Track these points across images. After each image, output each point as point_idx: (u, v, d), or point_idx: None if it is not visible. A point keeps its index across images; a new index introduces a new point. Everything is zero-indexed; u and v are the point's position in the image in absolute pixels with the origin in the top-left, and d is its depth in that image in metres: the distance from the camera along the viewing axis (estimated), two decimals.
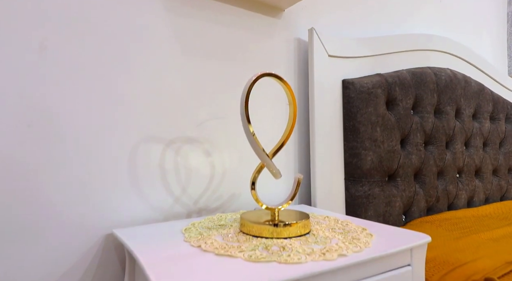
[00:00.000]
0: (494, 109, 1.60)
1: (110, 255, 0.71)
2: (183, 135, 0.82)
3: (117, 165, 0.72)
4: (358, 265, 0.52)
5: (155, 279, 0.41)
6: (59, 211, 0.66)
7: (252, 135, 0.59)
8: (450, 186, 1.34)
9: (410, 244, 0.58)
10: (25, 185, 0.63)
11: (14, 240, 0.62)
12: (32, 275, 0.63)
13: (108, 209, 0.71)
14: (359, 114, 1.06)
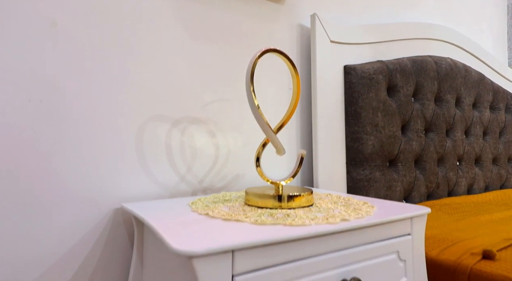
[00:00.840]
0: (494, 99, 1.61)
1: (119, 229, 0.73)
2: (189, 116, 0.84)
3: (124, 142, 0.75)
4: (360, 230, 0.54)
5: (170, 240, 0.43)
6: (68, 184, 0.68)
7: (257, 108, 0.61)
8: (450, 173, 1.36)
9: (410, 214, 0.60)
10: (35, 159, 0.65)
11: (25, 211, 0.64)
12: (44, 245, 0.65)
13: (116, 185, 0.73)
14: (361, 99, 1.08)
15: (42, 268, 0.65)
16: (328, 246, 0.50)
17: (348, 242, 0.53)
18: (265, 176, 0.68)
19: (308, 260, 0.48)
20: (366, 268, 0.54)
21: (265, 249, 0.44)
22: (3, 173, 0.62)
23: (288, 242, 0.46)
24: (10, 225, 0.62)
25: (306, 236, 0.46)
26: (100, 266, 0.71)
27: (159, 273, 0.59)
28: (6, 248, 0.62)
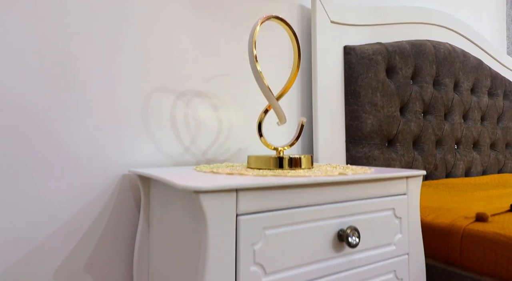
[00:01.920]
0: (492, 85, 1.63)
1: (126, 194, 0.76)
2: (192, 89, 0.86)
3: (131, 111, 0.77)
4: (357, 184, 0.56)
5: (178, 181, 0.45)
6: (76, 149, 0.71)
7: (259, 73, 0.64)
8: (448, 156, 1.38)
9: (405, 173, 0.62)
10: (45, 123, 0.68)
11: (36, 173, 0.67)
12: (54, 207, 0.68)
13: (122, 152, 0.76)
14: (360, 79, 1.11)
15: (53, 227, 0.68)
16: (327, 196, 0.53)
17: (346, 195, 0.55)
18: (266, 141, 0.71)
19: (308, 208, 0.51)
20: (362, 221, 0.57)
21: (267, 193, 0.47)
22: (14, 135, 0.65)
23: (288, 188, 0.49)
24: (23, 186, 0.65)
25: (306, 183, 0.49)
26: (108, 228, 0.73)
27: (165, 233, 0.62)
28: (21, 208, 0.65)
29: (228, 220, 0.44)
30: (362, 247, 0.57)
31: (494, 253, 0.62)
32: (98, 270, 0.72)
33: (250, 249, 0.45)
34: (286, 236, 0.49)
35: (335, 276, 0.53)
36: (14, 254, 0.64)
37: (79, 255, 0.70)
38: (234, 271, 0.44)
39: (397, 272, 0.61)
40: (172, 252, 0.58)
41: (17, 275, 0.64)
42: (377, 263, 0.59)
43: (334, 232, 0.53)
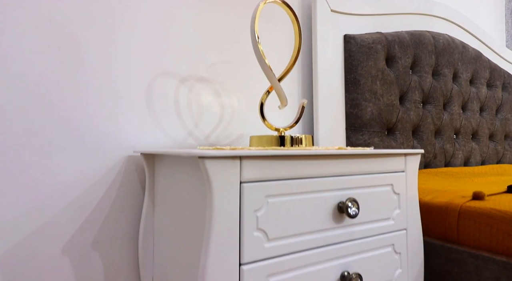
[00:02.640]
0: (491, 76, 1.65)
1: (131, 175, 0.78)
2: (195, 74, 0.88)
3: (136, 94, 0.79)
4: (356, 159, 0.58)
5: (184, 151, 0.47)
6: (82, 130, 0.73)
7: (261, 53, 0.65)
8: (447, 145, 1.40)
9: (404, 150, 0.64)
10: (53, 104, 0.70)
11: (44, 152, 0.68)
12: (62, 184, 0.70)
13: (128, 134, 0.78)
14: (360, 67, 1.12)
15: (61, 204, 0.69)
16: (327, 169, 0.55)
17: (346, 170, 0.57)
18: (268, 122, 0.73)
19: (309, 179, 0.53)
20: (361, 195, 0.59)
21: (270, 163, 0.49)
22: (24, 115, 0.66)
23: (290, 159, 0.51)
24: (31, 164, 0.67)
25: (307, 154, 0.51)
26: (114, 208, 0.75)
27: (170, 209, 0.64)
28: (30, 185, 0.66)
29: (232, 187, 0.45)
30: (361, 220, 0.58)
31: (490, 228, 0.64)
32: (105, 248, 0.74)
33: (253, 215, 0.47)
34: (288, 205, 0.50)
35: (335, 246, 0.55)
36: (23, 230, 0.65)
37: (86, 233, 0.72)
38: (238, 236, 0.46)
39: (395, 246, 0.63)
40: (177, 226, 0.60)
41: (26, 250, 0.66)
42: (375, 236, 0.61)
43: (334, 204, 0.55)
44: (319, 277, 0.53)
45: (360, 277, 0.54)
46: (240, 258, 0.46)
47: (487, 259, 0.62)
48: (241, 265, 0.46)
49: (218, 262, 0.44)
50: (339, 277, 0.55)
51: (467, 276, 0.65)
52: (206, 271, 0.44)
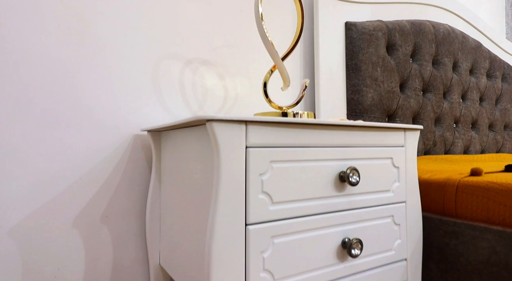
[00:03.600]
0: (490, 67, 1.67)
1: (138, 153, 0.80)
2: (199, 57, 0.90)
3: (142, 75, 0.81)
4: (357, 130, 0.60)
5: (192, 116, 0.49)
6: (90, 108, 0.75)
7: (264, 31, 0.67)
8: (447, 133, 1.42)
9: (403, 125, 0.66)
10: (63, 81, 0.72)
11: (55, 128, 0.71)
12: (70, 161, 0.72)
13: (134, 114, 0.80)
14: (361, 54, 1.14)
15: (71, 179, 0.72)
16: (329, 140, 0.57)
17: (348, 141, 0.59)
18: (271, 101, 0.75)
19: (312, 148, 0.55)
20: (362, 166, 0.61)
21: (274, 129, 0.51)
22: (35, 90, 0.69)
23: (294, 127, 0.53)
24: (42, 139, 0.69)
25: (309, 122, 0.53)
26: (122, 184, 0.77)
27: (176, 183, 0.66)
28: (42, 159, 0.69)
29: (238, 150, 0.48)
30: (362, 190, 0.60)
31: (487, 200, 0.66)
32: (113, 222, 0.76)
33: (258, 178, 0.49)
34: (291, 171, 0.52)
35: (337, 214, 0.57)
36: (35, 202, 0.68)
37: (95, 207, 0.74)
38: (244, 197, 0.48)
39: (394, 217, 0.65)
40: (184, 197, 0.62)
41: (38, 221, 0.68)
42: (375, 207, 0.63)
43: (335, 173, 0.57)
44: (321, 242, 0.55)
45: (360, 243, 0.57)
46: (246, 218, 0.48)
47: (483, 229, 0.64)
48: (247, 225, 0.48)
49: (225, 222, 0.46)
50: (340, 243, 0.57)
51: (464, 247, 0.67)
52: (214, 230, 0.46)
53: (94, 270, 0.73)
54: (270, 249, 0.50)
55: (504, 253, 0.61)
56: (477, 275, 0.65)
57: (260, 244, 0.49)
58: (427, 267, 0.74)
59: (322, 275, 0.55)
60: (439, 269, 0.71)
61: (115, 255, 0.76)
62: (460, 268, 0.67)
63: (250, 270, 0.48)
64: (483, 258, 0.64)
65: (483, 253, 0.64)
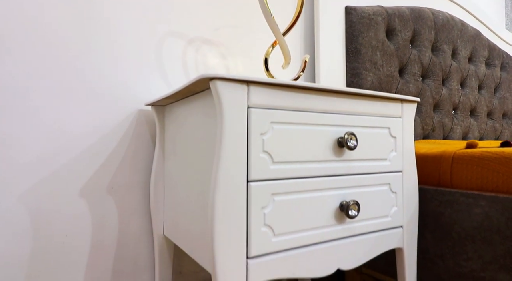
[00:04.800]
0: (489, 55, 1.68)
1: (142, 128, 0.82)
2: (201, 36, 0.92)
3: (145, 52, 0.83)
4: (356, 98, 0.62)
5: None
6: (97, 81, 0.77)
7: (266, 6, 0.69)
8: (445, 119, 1.44)
9: (401, 96, 0.68)
10: (69, 55, 0.74)
11: (61, 100, 0.73)
12: (78, 131, 0.74)
13: (138, 89, 0.82)
14: (361, 37, 1.16)
15: (78, 150, 0.74)
16: (329, 106, 0.59)
17: (347, 108, 0.61)
18: (272, 76, 0.77)
19: (312, 113, 0.57)
20: (360, 133, 0.63)
21: (276, 92, 0.53)
22: (42, 63, 0.71)
23: (295, 90, 0.55)
24: (49, 108, 0.71)
25: (309, 86, 0.55)
26: (127, 157, 0.80)
27: (179, 153, 0.68)
28: (50, 130, 0.71)
29: (240, 110, 0.50)
30: (359, 156, 0.63)
31: (481, 168, 0.68)
32: (119, 194, 0.78)
33: (259, 138, 0.51)
34: (291, 133, 0.55)
35: (335, 178, 0.59)
36: (43, 171, 0.70)
37: (101, 178, 0.76)
38: (246, 155, 0.50)
39: (391, 185, 0.67)
40: (187, 165, 0.64)
41: (47, 189, 0.70)
42: (373, 174, 0.65)
43: (334, 138, 0.59)
44: (319, 203, 0.57)
45: (357, 204, 0.59)
46: (248, 175, 0.50)
47: (477, 196, 0.66)
48: (249, 182, 0.51)
49: (228, 177, 0.48)
50: (338, 206, 0.59)
51: (459, 214, 0.69)
52: (218, 185, 0.48)
53: (100, 239, 0.76)
54: (271, 206, 0.52)
55: (496, 218, 0.63)
56: (470, 241, 0.67)
57: (261, 200, 0.51)
58: (423, 237, 0.76)
59: (321, 234, 0.57)
60: (434, 237, 0.73)
61: (121, 225, 0.78)
62: (455, 236, 0.70)
63: (251, 224, 0.50)
64: (476, 224, 0.66)
65: (476, 219, 0.66)
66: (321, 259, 0.57)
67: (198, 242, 0.57)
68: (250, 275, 0.50)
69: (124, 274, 0.79)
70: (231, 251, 0.48)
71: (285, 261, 0.53)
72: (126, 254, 0.79)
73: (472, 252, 0.67)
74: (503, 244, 0.62)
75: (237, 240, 0.49)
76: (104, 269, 0.76)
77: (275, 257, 0.52)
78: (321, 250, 0.57)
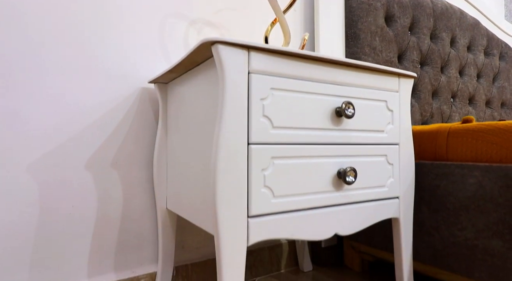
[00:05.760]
0: (488, 44, 1.70)
1: (145, 105, 0.84)
2: (203, 18, 0.94)
3: (149, 32, 0.85)
4: (354, 70, 0.64)
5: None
6: (101, 59, 0.79)
7: None
8: (444, 106, 1.45)
9: (398, 70, 0.70)
10: (75, 31, 0.76)
11: (66, 75, 0.75)
12: (84, 106, 0.76)
13: (141, 68, 0.84)
14: (360, 22, 1.18)
15: (83, 124, 0.76)
16: (327, 76, 0.61)
17: (345, 79, 0.63)
18: None
19: (311, 82, 0.59)
20: (357, 105, 0.65)
21: (276, 59, 0.55)
22: (49, 38, 0.73)
23: (295, 59, 0.57)
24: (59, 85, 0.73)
25: (309, 56, 0.57)
26: (131, 133, 0.82)
27: (182, 124, 0.70)
28: (56, 101, 0.73)
29: (241, 74, 0.52)
30: (357, 127, 0.64)
31: (475, 141, 0.70)
32: (123, 168, 0.80)
33: (259, 103, 0.53)
34: (291, 100, 0.57)
35: (332, 146, 0.61)
36: (51, 142, 0.72)
37: (106, 152, 0.78)
38: (247, 119, 0.52)
39: (388, 157, 0.69)
40: (189, 139, 0.66)
41: (54, 161, 0.72)
42: (370, 145, 0.67)
43: (332, 108, 0.61)
44: (317, 169, 0.59)
45: (354, 171, 0.61)
46: (248, 138, 0.52)
47: (471, 166, 0.68)
48: (249, 144, 0.53)
49: (229, 139, 0.50)
50: (336, 173, 0.61)
51: (454, 186, 0.71)
52: (220, 147, 0.50)
53: (106, 211, 0.78)
54: (271, 169, 0.54)
55: (490, 187, 0.65)
56: (464, 210, 0.69)
57: (262, 162, 0.53)
58: (419, 210, 0.78)
59: (319, 199, 0.59)
60: (430, 210, 0.75)
61: (125, 199, 0.80)
62: (450, 207, 0.72)
63: (252, 185, 0.52)
64: (470, 194, 0.68)
65: (470, 189, 0.68)
66: (319, 223, 0.59)
67: (201, 208, 0.59)
68: (250, 233, 0.52)
69: (129, 246, 0.81)
70: (233, 210, 0.50)
71: (284, 223, 0.55)
72: (130, 227, 0.81)
73: (466, 221, 0.69)
74: (495, 211, 0.64)
75: (238, 199, 0.51)
76: (109, 240, 0.78)
77: (274, 218, 0.54)
78: (319, 214, 0.59)
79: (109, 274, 0.78)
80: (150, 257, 0.84)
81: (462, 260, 0.69)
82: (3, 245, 0.67)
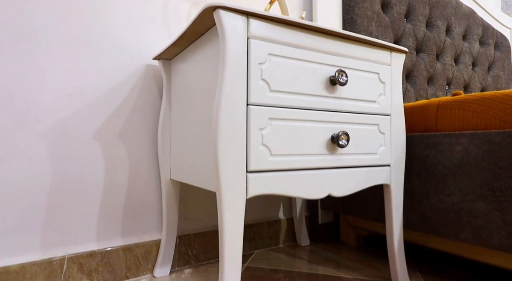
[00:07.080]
0: (483, 34, 1.73)
1: (150, 81, 0.88)
2: (205, 2, 0.98)
3: (154, 11, 0.89)
4: (348, 41, 0.68)
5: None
6: (107, 35, 0.83)
7: None
8: (439, 93, 1.49)
9: (390, 44, 0.74)
10: (81, 9, 0.80)
11: (73, 49, 0.79)
12: (90, 79, 0.80)
13: (146, 46, 0.88)
14: (357, 8, 1.22)
15: (90, 97, 0.80)
16: (323, 46, 0.65)
17: (340, 50, 0.67)
18: None
19: (307, 51, 0.63)
20: (351, 75, 0.69)
21: (274, 27, 0.59)
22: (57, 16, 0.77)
23: (292, 27, 0.61)
24: (70, 58, 0.77)
25: (305, 25, 0.61)
26: (136, 107, 0.86)
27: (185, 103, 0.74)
28: (65, 74, 0.77)
29: (240, 39, 0.56)
30: (350, 96, 0.68)
31: (463, 111, 0.74)
32: (129, 140, 0.85)
33: (258, 67, 0.58)
34: (287, 66, 0.61)
35: (327, 112, 0.65)
36: (62, 112, 0.76)
37: (112, 125, 0.82)
38: (246, 81, 0.56)
39: (380, 126, 0.73)
40: (191, 109, 0.70)
41: (64, 129, 0.76)
42: (362, 114, 0.71)
43: (327, 76, 0.65)
44: (312, 133, 0.63)
45: (347, 135, 0.65)
46: (247, 99, 0.57)
47: (458, 135, 0.72)
48: (248, 105, 0.57)
49: (230, 100, 0.55)
50: (329, 138, 0.65)
51: (442, 154, 0.75)
52: (221, 107, 0.54)
53: (113, 179, 0.82)
54: (268, 129, 0.58)
55: (475, 152, 0.69)
56: (451, 177, 0.73)
57: (260, 122, 0.57)
58: (410, 180, 0.82)
59: (313, 161, 0.63)
60: (420, 179, 0.79)
61: (131, 169, 0.85)
62: (438, 174, 0.76)
63: (250, 142, 0.56)
64: (457, 161, 0.72)
65: (457, 156, 0.72)
66: (314, 183, 0.63)
67: (203, 169, 0.64)
68: (249, 187, 0.56)
69: (134, 214, 0.85)
70: (233, 164, 0.55)
71: (280, 180, 0.60)
72: (136, 196, 0.85)
73: (453, 187, 0.73)
74: (479, 175, 0.68)
75: (238, 155, 0.55)
76: (116, 207, 0.82)
77: (271, 175, 0.59)
78: (313, 175, 0.63)
79: (117, 239, 0.82)
80: (155, 226, 0.88)
81: (449, 224, 0.73)
82: (18, 206, 0.71)
